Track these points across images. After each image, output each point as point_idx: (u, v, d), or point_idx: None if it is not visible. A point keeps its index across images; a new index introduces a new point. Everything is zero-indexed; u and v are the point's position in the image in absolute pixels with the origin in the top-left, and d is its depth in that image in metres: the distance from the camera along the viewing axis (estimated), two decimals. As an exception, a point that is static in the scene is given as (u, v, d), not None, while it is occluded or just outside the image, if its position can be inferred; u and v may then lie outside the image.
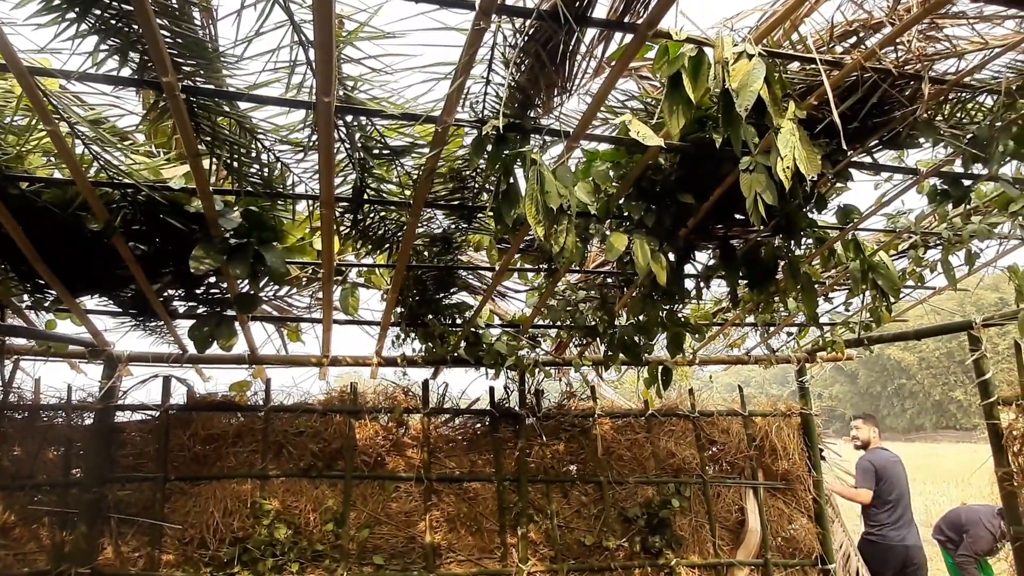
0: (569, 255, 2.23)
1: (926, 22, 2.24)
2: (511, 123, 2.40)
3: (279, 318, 3.82)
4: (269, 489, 3.87)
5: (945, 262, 3.75)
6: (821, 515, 4.74)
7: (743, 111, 1.78)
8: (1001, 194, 3.32)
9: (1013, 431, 3.48)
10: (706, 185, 2.81)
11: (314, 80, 2.06)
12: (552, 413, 4.50)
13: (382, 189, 2.82)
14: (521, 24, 2.02)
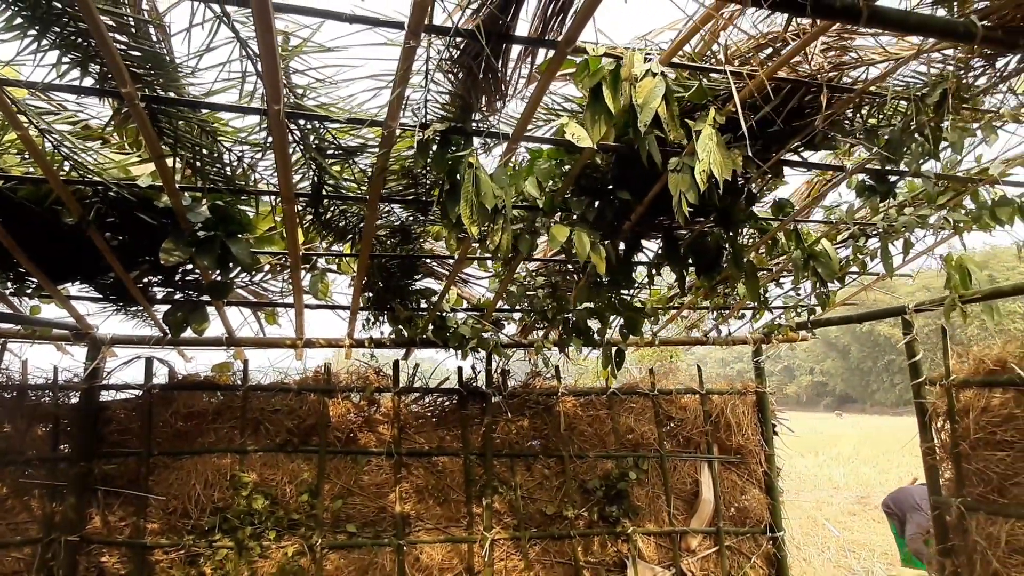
0: (503, 251, 2.44)
1: (833, 35, 2.42)
2: (453, 127, 2.58)
3: (254, 303, 4.02)
4: (247, 463, 4.13)
5: (884, 251, 3.96)
6: (772, 487, 5.03)
7: (643, 126, 1.97)
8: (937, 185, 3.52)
9: (937, 409, 3.74)
10: (644, 182, 2.99)
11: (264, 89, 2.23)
12: (518, 391, 4.74)
13: (340, 185, 3.00)
14: (451, 40, 2.19)
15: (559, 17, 2.03)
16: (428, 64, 2.28)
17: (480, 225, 2.34)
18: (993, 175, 3.36)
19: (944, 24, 1.98)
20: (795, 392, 61.49)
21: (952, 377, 3.64)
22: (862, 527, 11.44)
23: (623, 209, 3.21)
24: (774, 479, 5.04)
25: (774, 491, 5.03)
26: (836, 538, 10.65)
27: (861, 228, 3.84)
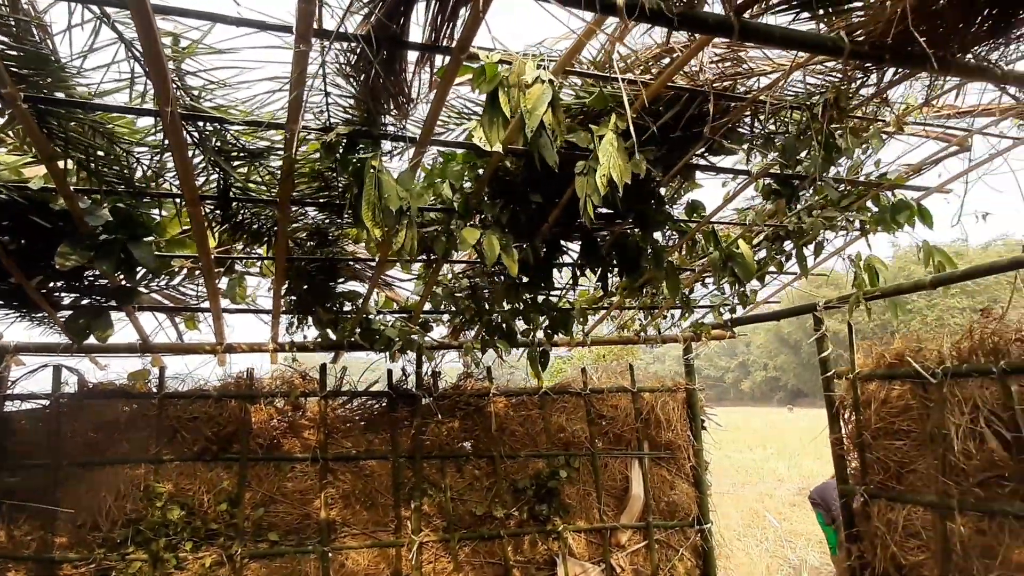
0: (408, 253, 2.44)
1: (723, 47, 2.51)
2: (358, 130, 2.57)
3: (169, 308, 3.90)
4: (163, 473, 4.00)
5: (799, 252, 4.13)
6: (700, 481, 5.18)
7: (529, 132, 2.00)
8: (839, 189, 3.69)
9: (844, 402, 3.92)
10: (557, 185, 3.04)
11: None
12: (448, 393, 4.74)
13: (248, 188, 2.95)
14: (348, 45, 2.18)
15: (449, 25, 2.04)
16: (324, 69, 2.26)
17: (383, 227, 2.34)
18: (891, 180, 3.54)
19: (814, 39, 2.08)
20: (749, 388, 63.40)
21: (857, 371, 3.83)
22: (801, 518, 11.86)
23: (539, 212, 3.26)
24: (702, 473, 5.19)
25: (702, 485, 5.18)
26: (776, 529, 11.01)
27: (775, 230, 3.99)
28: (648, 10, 1.83)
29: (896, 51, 2.12)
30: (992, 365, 3.02)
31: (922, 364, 3.36)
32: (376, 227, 2.29)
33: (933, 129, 3.12)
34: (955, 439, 3.12)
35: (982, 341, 3.13)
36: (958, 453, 3.10)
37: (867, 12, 2.01)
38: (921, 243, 3.86)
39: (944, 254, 3.77)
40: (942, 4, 1.93)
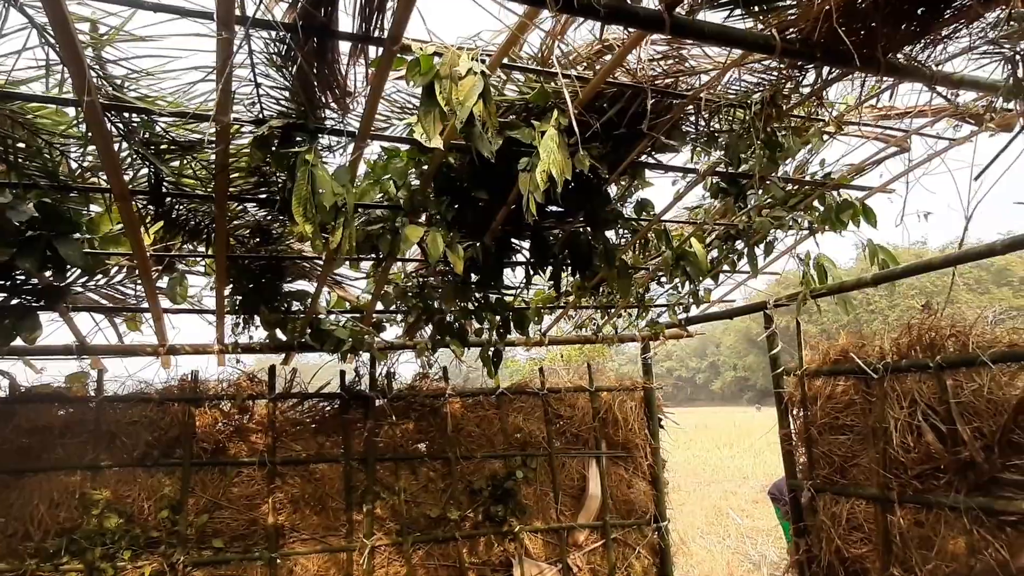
0: (345, 251, 2.38)
1: (666, 46, 2.51)
2: (293, 123, 2.50)
3: (105, 308, 3.75)
4: (100, 480, 3.84)
5: (750, 252, 4.18)
6: (657, 479, 5.20)
7: (459, 124, 1.97)
8: (784, 190, 3.74)
9: (792, 398, 3.98)
10: (503, 182, 3.01)
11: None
12: (403, 394, 4.67)
13: (183, 183, 2.85)
14: (277, 34, 2.12)
15: (379, 15, 1.99)
16: (252, 58, 2.18)
17: (315, 223, 2.27)
18: (835, 180, 3.61)
19: (747, 36, 2.09)
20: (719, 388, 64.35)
21: (805, 368, 3.89)
22: (763, 514, 12.04)
23: (487, 210, 3.22)
24: (659, 471, 5.22)
25: (659, 483, 5.20)
26: (738, 526, 11.17)
27: (726, 229, 4.03)
28: (576, 3, 1.81)
29: (826, 50, 2.15)
30: (928, 360, 3.09)
31: (864, 360, 3.43)
32: (307, 223, 2.22)
33: (872, 130, 3.19)
34: (894, 433, 3.18)
35: (919, 337, 3.20)
36: (897, 447, 3.17)
37: (797, 10, 2.03)
38: (866, 242, 3.94)
39: (888, 252, 3.85)
40: (867, 3, 1.96)
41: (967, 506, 2.86)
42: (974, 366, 2.89)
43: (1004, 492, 2.77)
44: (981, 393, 2.85)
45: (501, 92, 2.60)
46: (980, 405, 2.85)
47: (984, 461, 2.82)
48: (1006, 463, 2.76)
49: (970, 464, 2.87)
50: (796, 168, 3.65)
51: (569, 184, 3.25)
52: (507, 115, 2.70)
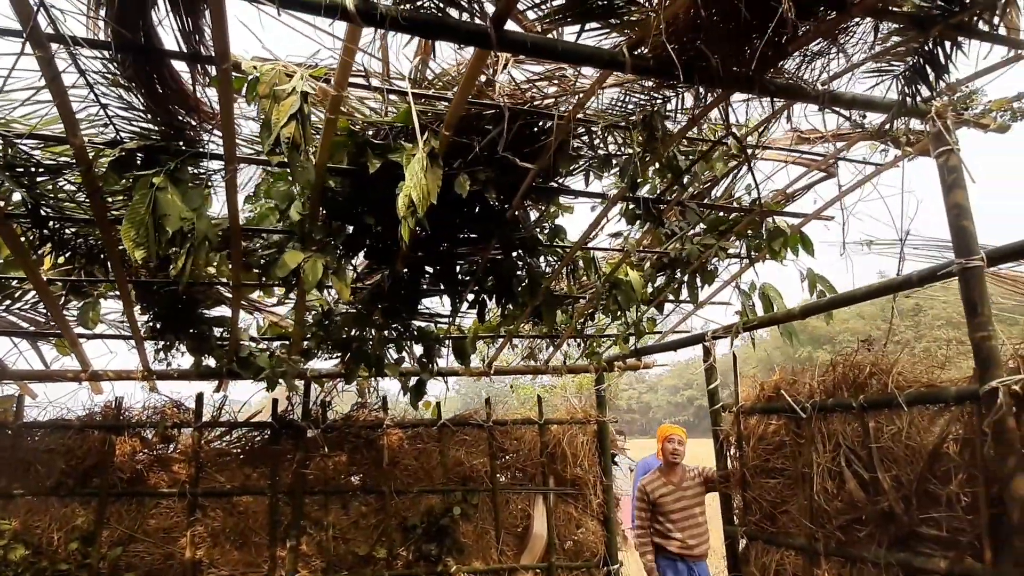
0: (187, 277, 2.28)
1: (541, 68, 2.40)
2: (154, 145, 2.43)
3: (16, 332, 3.71)
4: (11, 509, 3.76)
5: (689, 280, 4.00)
6: (608, 519, 4.94)
7: (266, 147, 1.86)
8: (711, 217, 3.57)
9: (728, 436, 3.74)
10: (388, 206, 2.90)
11: None
12: (338, 424, 4.53)
13: (63, 206, 2.80)
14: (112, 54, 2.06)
15: (195, 35, 1.92)
16: (86, 77, 2.13)
17: (150, 249, 2.18)
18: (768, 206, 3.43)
19: (592, 52, 1.97)
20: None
21: (741, 404, 3.66)
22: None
23: (386, 234, 3.11)
24: (611, 511, 4.96)
25: (610, 523, 4.94)
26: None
27: (658, 257, 3.86)
28: (385, 18, 1.71)
29: (687, 68, 2.01)
30: (852, 400, 2.86)
31: (794, 398, 3.20)
32: (137, 248, 2.13)
33: (790, 154, 3.02)
34: (819, 479, 2.94)
35: (844, 375, 2.97)
36: (820, 494, 2.92)
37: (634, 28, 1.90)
38: (806, 271, 3.73)
39: (826, 282, 3.64)
40: (705, 19, 1.82)
41: (887, 561, 2.59)
42: (893, 408, 2.66)
43: (924, 548, 2.51)
44: (900, 438, 2.61)
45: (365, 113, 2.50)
46: (899, 451, 2.61)
47: (904, 513, 2.57)
48: (924, 516, 2.50)
49: (890, 515, 2.62)
50: (723, 193, 3.48)
51: (474, 209, 3.17)
52: (385, 137, 2.60)
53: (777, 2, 1.69)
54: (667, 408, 69.34)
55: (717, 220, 3.59)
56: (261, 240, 3.20)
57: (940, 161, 2.44)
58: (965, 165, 2.37)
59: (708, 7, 1.87)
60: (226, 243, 2.97)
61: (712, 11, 1.90)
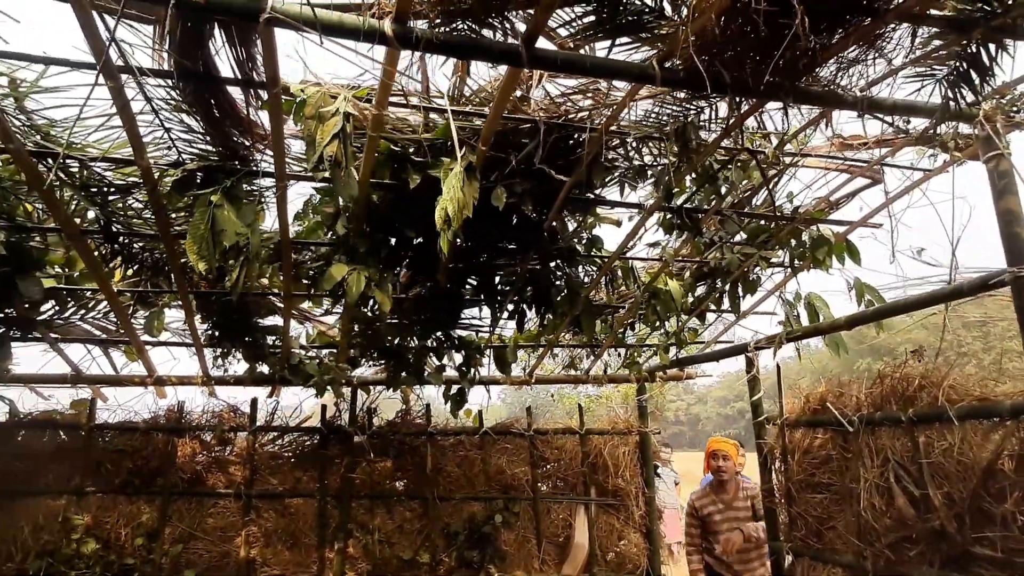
0: (240, 288, 2.42)
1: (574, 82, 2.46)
2: (212, 165, 2.60)
3: (89, 339, 3.98)
4: (83, 505, 4.03)
5: (731, 290, 3.95)
6: (651, 532, 4.89)
7: (311, 164, 1.98)
8: (751, 225, 3.53)
9: (773, 450, 3.66)
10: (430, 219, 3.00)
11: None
12: (383, 431, 4.66)
13: (132, 223, 3.01)
14: (175, 82, 2.23)
15: (249, 63, 2.06)
16: (152, 104, 2.31)
17: (210, 262, 2.33)
18: (811, 214, 3.37)
19: (622, 66, 2.01)
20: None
21: (785, 417, 3.58)
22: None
23: (426, 247, 3.21)
24: (654, 523, 4.91)
25: (653, 536, 4.88)
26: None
27: (698, 266, 3.83)
28: (421, 41, 1.81)
29: (716, 79, 2.02)
30: (902, 414, 2.76)
31: (841, 411, 3.11)
32: (200, 261, 2.28)
33: (832, 161, 2.97)
34: (866, 495, 2.85)
35: (893, 388, 2.88)
36: (868, 510, 2.83)
37: (663, 41, 1.94)
38: (853, 280, 3.63)
39: (874, 291, 3.53)
40: (734, 30, 1.84)
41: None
42: (944, 422, 2.56)
43: (977, 568, 2.40)
44: (951, 453, 2.51)
45: (405, 130, 2.60)
46: (951, 467, 2.51)
47: (956, 532, 2.46)
48: (977, 535, 2.39)
49: (942, 534, 2.52)
50: (764, 202, 3.44)
51: (511, 220, 3.24)
52: (425, 153, 2.70)
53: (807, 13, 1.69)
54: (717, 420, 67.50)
55: (758, 229, 3.55)
56: (310, 252, 3.35)
57: (990, 166, 2.36)
58: (1017, 170, 2.29)
59: (736, 19, 1.89)
60: (277, 256, 3.14)
61: (741, 22, 1.92)
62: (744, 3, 1.71)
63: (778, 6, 1.63)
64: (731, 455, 3.92)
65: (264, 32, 1.89)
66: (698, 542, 3.86)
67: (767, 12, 1.67)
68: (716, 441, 4.05)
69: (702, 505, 3.87)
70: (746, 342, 3.97)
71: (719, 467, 3.89)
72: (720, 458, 3.88)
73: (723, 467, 3.85)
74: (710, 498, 3.87)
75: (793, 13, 1.75)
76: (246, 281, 2.48)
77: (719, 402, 69.68)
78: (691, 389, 65.34)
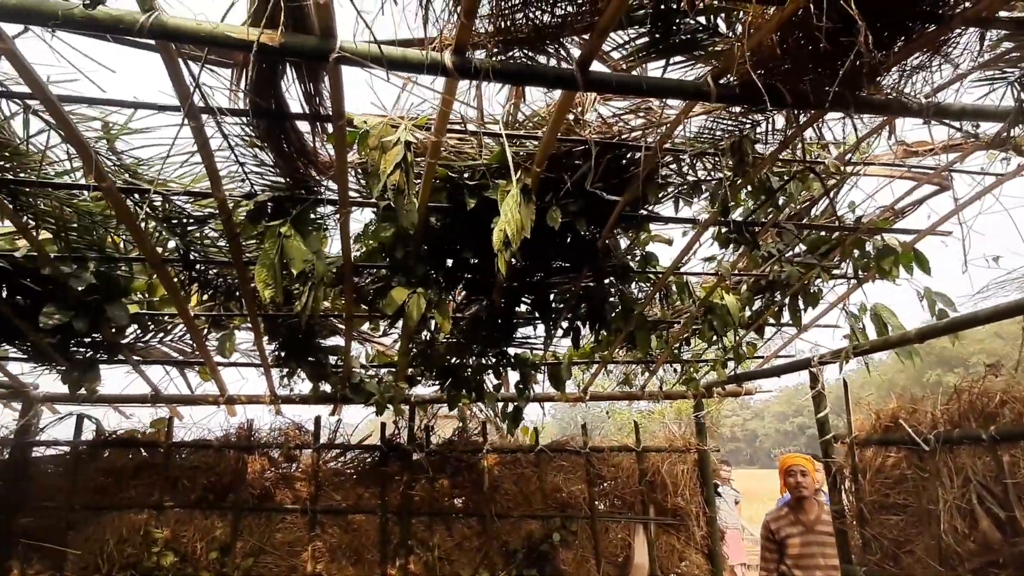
0: (310, 312, 2.54)
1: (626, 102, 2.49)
2: (281, 196, 2.75)
3: (167, 360, 4.22)
4: (162, 519, 4.24)
5: (791, 303, 3.86)
6: (713, 553, 4.76)
7: (377, 192, 2.07)
8: (811, 237, 3.45)
9: (843, 468, 3.52)
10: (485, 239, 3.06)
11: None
12: (440, 448, 4.73)
13: (208, 251, 3.20)
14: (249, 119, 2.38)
15: (316, 97, 2.18)
16: (229, 141, 2.46)
17: (277, 290, 2.45)
18: (875, 223, 3.27)
19: (676, 85, 2.03)
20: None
21: (855, 435, 3.45)
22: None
23: (482, 267, 3.27)
24: (716, 544, 4.78)
25: (716, 557, 4.75)
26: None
27: (755, 279, 3.77)
28: (482, 70, 1.88)
29: (773, 92, 2.02)
30: (982, 431, 2.63)
31: (915, 428, 2.98)
32: (267, 289, 2.41)
33: (890, 168, 2.88)
34: (947, 517, 2.71)
35: (972, 403, 2.74)
36: (949, 533, 2.69)
37: (718, 58, 1.95)
38: (923, 290, 3.49)
39: (946, 299, 3.38)
40: (791, 43, 1.84)
41: (1032, 612, 2.35)
42: (1031, 439, 2.43)
43: (1076, 597, 2.25)
44: (1040, 472, 2.37)
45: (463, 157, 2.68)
46: (1040, 487, 2.37)
47: (1049, 556, 2.32)
48: (1074, 561, 2.25)
49: (1033, 559, 2.38)
50: (824, 212, 3.36)
51: (565, 239, 3.27)
52: (480, 178, 2.78)
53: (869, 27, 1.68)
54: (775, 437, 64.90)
55: (818, 240, 3.47)
56: (370, 275, 3.47)
57: (1070, 169, 2.25)
58: (1101, 172, 2.18)
59: (794, 33, 1.88)
60: (339, 279, 3.27)
61: (799, 35, 1.91)
62: (801, 19, 1.71)
63: (840, 22, 1.62)
64: (808, 470, 3.73)
65: (332, 70, 2.00)
66: (774, 567, 3.69)
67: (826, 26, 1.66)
68: (791, 457, 3.86)
69: (779, 527, 3.67)
70: (808, 356, 3.85)
71: (798, 483, 3.65)
72: (798, 473, 3.66)
73: (802, 483, 3.63)
74: (788, 519, 3.66)
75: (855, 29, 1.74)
76: (313, 305, 2.60)
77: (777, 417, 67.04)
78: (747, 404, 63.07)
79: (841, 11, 1.56)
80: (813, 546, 3.56)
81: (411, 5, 1.83)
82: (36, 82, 2.01)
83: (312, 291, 2.57)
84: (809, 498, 3.66)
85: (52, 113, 2.16)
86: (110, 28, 1.67)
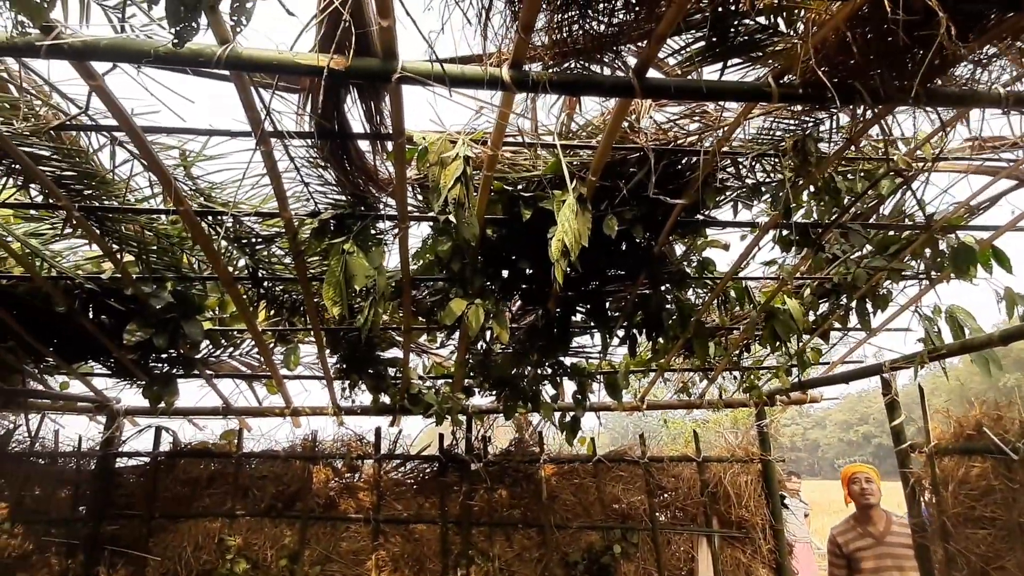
0: (370, 325, 2.61)
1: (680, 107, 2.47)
2: (343, 213, 2.85)
3: (236, 374, 4.40)
4: (235, 527, 4.40)
5: (859, 306, 3.73)
6: (782, 568, 4.59)
7: (437, 207, 2.11)
8: (879, 237, 3.32)
9: (922, 479, 3.34)
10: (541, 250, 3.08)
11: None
12: (498, 459, 4.74)
13: (275, 269, 3.34)
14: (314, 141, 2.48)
15: (378, 116, 2.26)
16: (295, 163, 2.57)
17: (343, 306, 2.53)
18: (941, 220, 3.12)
19: (736, 87, 2.00)
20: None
21: (934, 444, 3.28)
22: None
23: (537, 276, 3.29)
24: (784, 558, 4.61)
25: (784, 572, 4.58)
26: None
27: (819, 283, 3.65)
28: (537, 83, 1.91)
29: (839, 88, 1.97)
30: (1079, 438, 2.46)
31: (1001, 436, 2.82)
32: (335, 306, 2.49)
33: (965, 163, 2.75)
34: (1042, 529, 2.54)
35: (1065, 408, 2.57)
36: (1045, 547, 2.52)
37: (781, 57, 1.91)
38: (1003, 290, 3.31)
39: (1030, 301, 3.19)
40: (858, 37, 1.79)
41: None
42: None
43: None
44: None
45: (518, 168, 2.72)
46: None
47: None
48: None
49: None
50: (893, 211, 3.23)
51: (621, 247, 3.26)
52: (535, 189, 2.80)
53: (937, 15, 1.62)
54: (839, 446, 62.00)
55: (887, 240, 3.33)
56: (427, 288, 3.54)
57: None
58: None
59: (859, 27, 1.83)
60: (397, 293, 3.35)
61: (866, 30, 1.86)
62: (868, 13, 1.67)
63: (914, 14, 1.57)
64: (873, 477, 3.60)
65: (393, 89, 2.07)
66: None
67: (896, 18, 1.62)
68: (854, 466, 3.74)
69: (846, 540, 3.52)
70: (879, 362, 3.69)
71: (863, 490, 3.50)
72: (862, 480, 3.51)
73: (867, 489, 3.47)
74: (855, 532, 3.51)
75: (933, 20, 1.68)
76: (373, 319, 2.67)
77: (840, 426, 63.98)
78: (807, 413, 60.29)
79: (913, 2, 1.51)
80: (887, 559, 3.40)
81: (462, 21, 1.88)
82: (123, 115, 2.16)
83: (373, 306, 2.64)
84: (876, 507, 3.51)
85: (136, 143, 2.30)
86: (190, 61, 1.78)
